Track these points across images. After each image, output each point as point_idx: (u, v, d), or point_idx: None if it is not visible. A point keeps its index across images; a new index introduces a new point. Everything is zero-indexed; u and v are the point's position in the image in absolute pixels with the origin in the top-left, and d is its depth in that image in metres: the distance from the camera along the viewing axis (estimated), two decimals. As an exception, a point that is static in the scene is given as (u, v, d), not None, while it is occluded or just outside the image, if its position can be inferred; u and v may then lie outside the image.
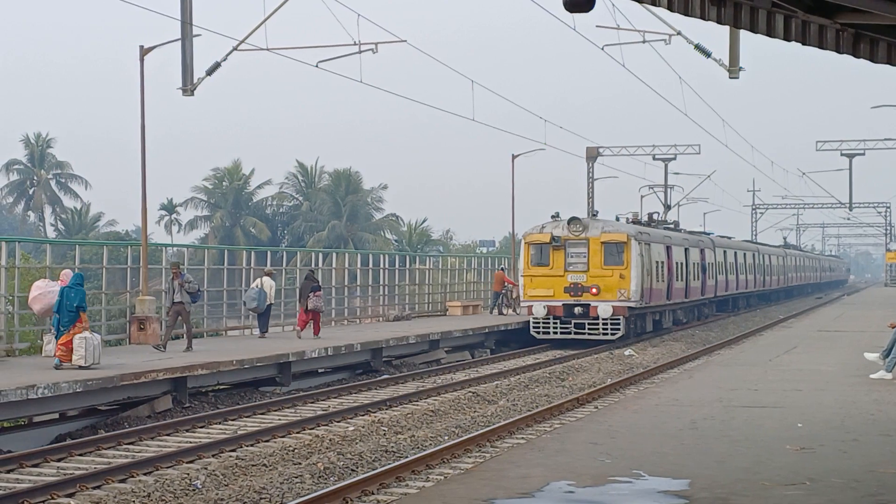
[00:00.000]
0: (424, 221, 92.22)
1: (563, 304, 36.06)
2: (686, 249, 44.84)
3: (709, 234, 57.14)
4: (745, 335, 39.47)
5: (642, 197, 74.97)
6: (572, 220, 36.49)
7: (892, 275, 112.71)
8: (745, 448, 12.65)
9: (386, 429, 18.08)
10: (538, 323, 36.33)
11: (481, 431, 17.15)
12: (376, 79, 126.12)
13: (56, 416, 19.41)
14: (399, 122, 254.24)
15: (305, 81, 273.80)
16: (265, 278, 30.05)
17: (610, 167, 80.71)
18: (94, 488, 13.52)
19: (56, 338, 20.51)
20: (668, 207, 56.98)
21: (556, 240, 36.31)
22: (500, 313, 42.34)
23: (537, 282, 36.68)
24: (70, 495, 13.15)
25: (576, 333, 35.86)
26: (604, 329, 35.60)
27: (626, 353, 32.48)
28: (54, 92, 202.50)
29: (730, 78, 29.05)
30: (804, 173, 77.27)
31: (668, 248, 41.51)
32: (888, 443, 12.95)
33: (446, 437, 17.35)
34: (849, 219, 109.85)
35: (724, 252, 54.08)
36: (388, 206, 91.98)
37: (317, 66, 30.11)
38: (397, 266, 45.44)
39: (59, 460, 15.69)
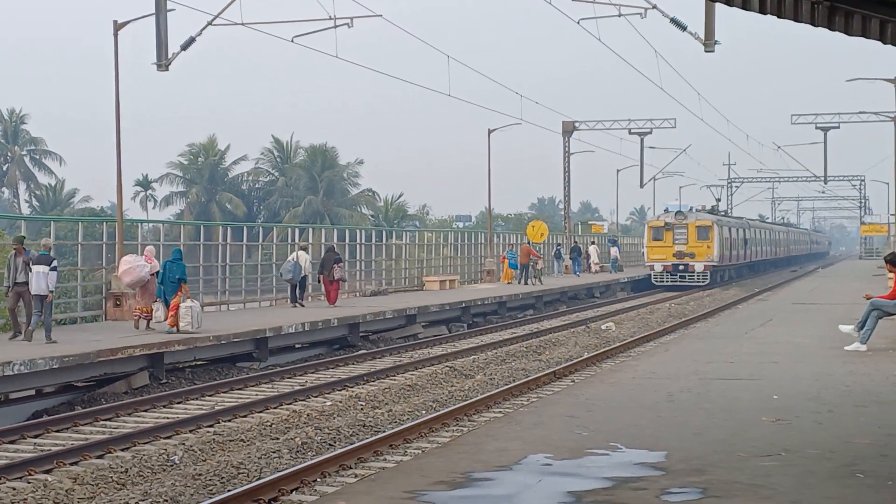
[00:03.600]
0: (401, 196, 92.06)
1: (672, 264, 57.41)
2: (738, 229, 66.13)
3: (742, 217, 75.31)
4: (720, 308, 39.72)
5: (618, 171, 75.42)
6: (678, 213, 58.73)
7: (866, 248, 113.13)
8: (721, 420, 12.71)
9: (363, 403, 18.10)
10: (657, 275, 57.72)
11: (459, 406, 17.18)
12: (352, 54, 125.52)
13: (32, 392, 19.35)
14: (375, 98, 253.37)
15: (281, 57, 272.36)
16: (300, 252, 31.87)
17: (585, 142, 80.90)
18: (71, 464, 13.49)
19: (167, 306, 22.77)
20: (718, 200, 76.00)
21: (667, 224, 57.97)
22: (527, 283, 46.91)
23: (656, 251, 57.99)
24: (47, 472, 13.12)
25: (680, 281, 56.96)
26: (698, 279, 56.93)
27: (604, 326, 32.63)
28: (25, 70, 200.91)
29: (705, 52, 29.07)
30: (779, 147, 77.66)
31: (730, 228, 62.58)
32: (863, 414, 13.03)
33: (424, 412, 17.38)
34: (824, 192, 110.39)
35: (755, 230, 74.60)
36: (364, 181, 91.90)
37: (292, 41, 30.04)
38: (374, 241, 45.39)
39: (36, 437, 15.66)
